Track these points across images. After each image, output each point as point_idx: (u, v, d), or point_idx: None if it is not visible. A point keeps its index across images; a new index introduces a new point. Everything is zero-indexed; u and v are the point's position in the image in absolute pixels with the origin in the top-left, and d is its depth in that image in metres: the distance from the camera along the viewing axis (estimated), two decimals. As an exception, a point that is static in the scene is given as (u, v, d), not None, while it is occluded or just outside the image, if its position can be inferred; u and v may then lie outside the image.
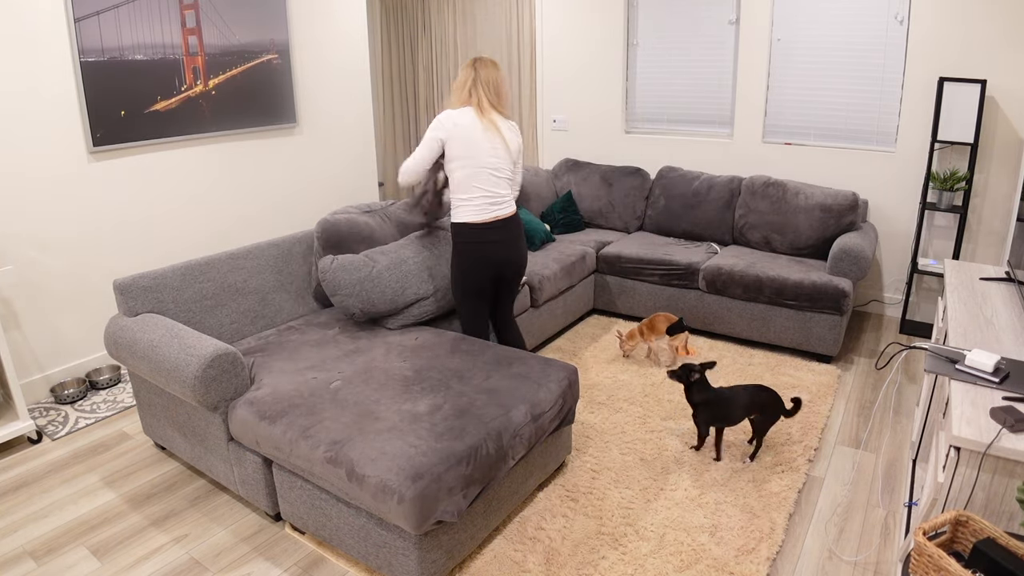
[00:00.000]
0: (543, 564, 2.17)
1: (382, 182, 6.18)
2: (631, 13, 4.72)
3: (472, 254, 2.73)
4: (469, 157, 2.61)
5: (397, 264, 2.88)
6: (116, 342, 2.57)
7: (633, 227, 4.58)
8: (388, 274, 2.83)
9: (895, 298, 4.21)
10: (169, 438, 2.69)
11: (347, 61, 4.69)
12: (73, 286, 3.40)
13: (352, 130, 4.85)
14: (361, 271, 2.80)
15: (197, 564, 2.22)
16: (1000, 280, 2.67)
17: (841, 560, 2.19)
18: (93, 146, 3.34)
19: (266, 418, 2.19)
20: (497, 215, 2.69)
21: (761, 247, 4.07)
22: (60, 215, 3.30)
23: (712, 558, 2.18)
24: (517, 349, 2.68)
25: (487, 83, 2.64)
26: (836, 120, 4.15)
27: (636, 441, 2.85)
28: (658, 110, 4.80)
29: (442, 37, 5.74)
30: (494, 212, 2.68)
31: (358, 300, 2.79)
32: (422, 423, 2.11)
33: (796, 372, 3.45)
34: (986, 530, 1.46)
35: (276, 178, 4.36)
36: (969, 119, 3.57)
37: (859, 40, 3.95)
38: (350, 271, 2.79)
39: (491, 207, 2.68)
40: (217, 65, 3.84)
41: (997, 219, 3.78)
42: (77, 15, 3.18)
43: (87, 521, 2.44)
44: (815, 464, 2.72)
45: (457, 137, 2.59)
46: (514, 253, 2.78)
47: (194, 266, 2.78)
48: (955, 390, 1.77)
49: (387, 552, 2.02)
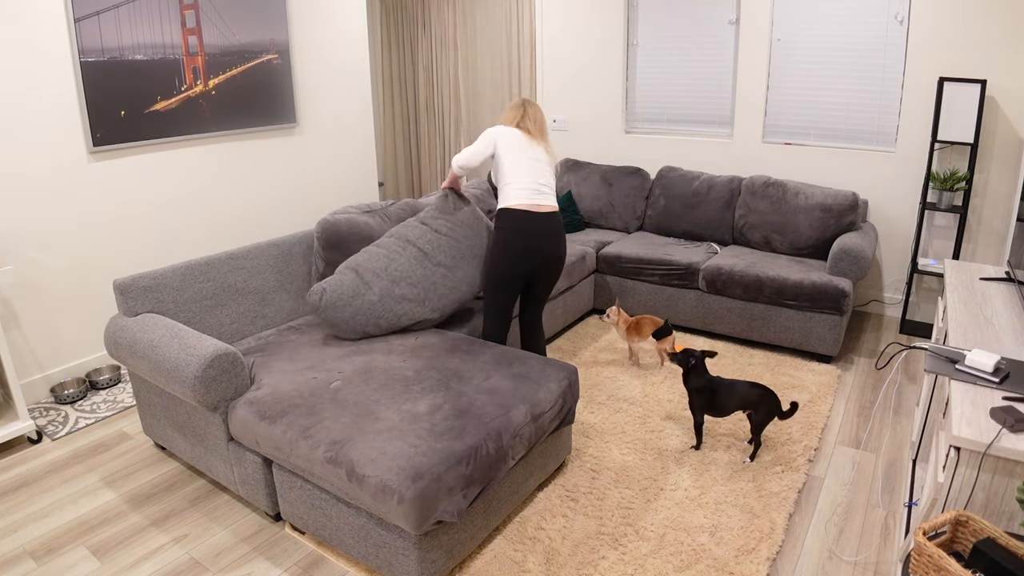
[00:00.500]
0: (543, 564, 2.17)
1: (382, 182, 6.18)
2: (631, 13, 4.72)
3: (514, 242, 2.78)
4: (519, 150, 2.82)
5: (391, 287, 2.78)
6: (116, 342, 2.57)
7: (633, 227, 4.58)
8: (382, 305, 2.75)
9: (895, 298, 4.21)
10: (169, 438, 2.69)
11: (347, 61, 4.69)
12: (73, 286, 3.40)
13: (352, 130, 4.85)
14: (353, 304, 2.71)
15: (197, 564, 2.22)
16: (1000, 280, 2.67)
17: (841, 560, 2.19)
18: (93, 146, 3.34)
19: (266, 418, 2.19)
20: (542, 203, 2.79)
21: (761, 247, 4.07)
22: (60, 215, 3.30)
23: (712, 558, 2.18)
24: (515, 349, 2.68)
25: (534, 119, 2.91)
26: (836, 120, 4.15)
27: (636, 441, 2.85)
28: (658, 110, 4.80)
29: (442, 37, 5.74)
30: (539, 200, 2.79)
31: (355, 332, 2.75)
32: (422, 423, 2.11)
33: (796, 372, 3.45)
34: (986, 530, 1.46)
35: (276, 178, 4.36)
36: (969, 119, 3.57)
37: (859, 40, 3.95)
38: (339, 308, 2.70)
39: (537, 194, 2.79)
40: (217, 65, 3.84)
41: (997, 219, 3.78)
42: (77, 15, 3.18)
43: (87, 521, 2.44)
44: (815, 464, 2.72)
45: (508, 137, 2.84)
46: (555, 247, 2.86)
47: (194, 266, 2.78)
48: (955, 390, 1.77)
49: (387, 552, 2.02)
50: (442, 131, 6.01)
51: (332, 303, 2.71)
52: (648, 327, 3.46)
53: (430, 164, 6.20)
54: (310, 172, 4.59)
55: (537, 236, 2.78)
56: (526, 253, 2.80)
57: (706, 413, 2.75)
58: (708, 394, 2.70)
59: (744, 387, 2.67)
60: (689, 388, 2.75)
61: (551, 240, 2.82)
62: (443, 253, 2.93)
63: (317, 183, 4.66)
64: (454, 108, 5.85)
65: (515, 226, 2.77)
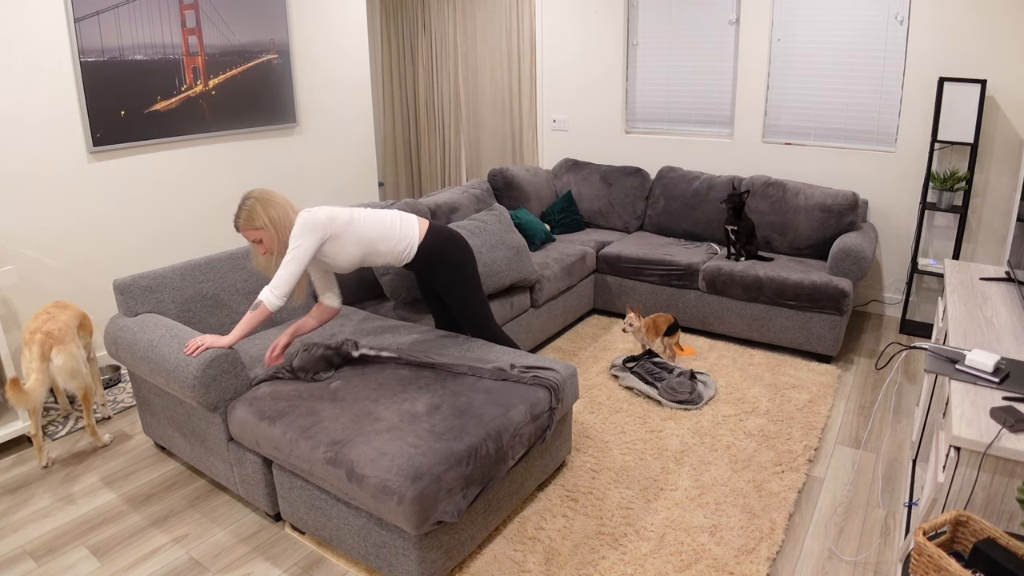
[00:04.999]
0: (543, 564, 2.17)
1: (382, 182, 6.18)
2: (631, 13, 4.72)
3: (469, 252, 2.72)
4: (358, 211, 2.57)
5: None
6: (116, 342, 2.57)
7: (633, 227, 4.58)
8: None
9: (895, 298, 4.21)
10: (169, 438, 2.69)
11: (347, 61, 4.69)
12: (73, 286, 3.40)
13: (352, 130, 4.85)
14: None
15: (197, 564, 2.22)
16: (1000, 280, 2.67)
17: (841, 560, 2.19)
18: (93, 146, 3.34)
19: (266, 418, 2.19)
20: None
21: (761, 247, 4.07)
22: (60, 215, 3.30)
23: (712, 558, 2.18)
24: (512, 348, 2.68)
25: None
26: (836, 120, 4.15)
27: (636, 441, 2.85)
28: (658, 110, 4.80)
29: (442, 37, 5.74)
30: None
31: (407, 280, 2.85)
32: (421, 423, 2.11)
33: (796, 372, 3.45)
34: (986, 530, 1.46)
35: (276, 178, 4.36)
36: (969, 119, 3.57)
37: (859, 40, 3.95)
38: None
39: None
40: (217, 65, 3.84)
41: (997, 219, 3.78)
42: (77, 15, 3.18)
43: (87, 521, 2.44)
44: (815, 464, 2.72)
45: (337, 212, 2.54)
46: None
47: (194, 266, 2.78)
48: (955, 390, 1.77)
49: (387, 552, 2.02)
50: (442, 131, 6.01)
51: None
52: (663, 323, 3.55)
53: (430, 164, 6.21)
54: (310, 172, 4.59)
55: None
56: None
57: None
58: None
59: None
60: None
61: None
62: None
63: (317, 183, 4.66)
64: (454, 108, 5.85)
65: (457, 243, 2.68)
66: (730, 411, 3.07)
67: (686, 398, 3.11)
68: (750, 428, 2.93)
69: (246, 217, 2.38)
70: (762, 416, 3.03)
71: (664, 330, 3.54)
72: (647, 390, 3.20)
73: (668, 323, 3.54)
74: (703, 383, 3.25)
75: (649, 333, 3.52)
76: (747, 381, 3.36)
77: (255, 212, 2.36)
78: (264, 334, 2.85)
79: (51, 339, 2.63)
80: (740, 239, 3.84)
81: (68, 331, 2.71)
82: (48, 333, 2.64)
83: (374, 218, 2.53)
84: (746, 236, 3.86)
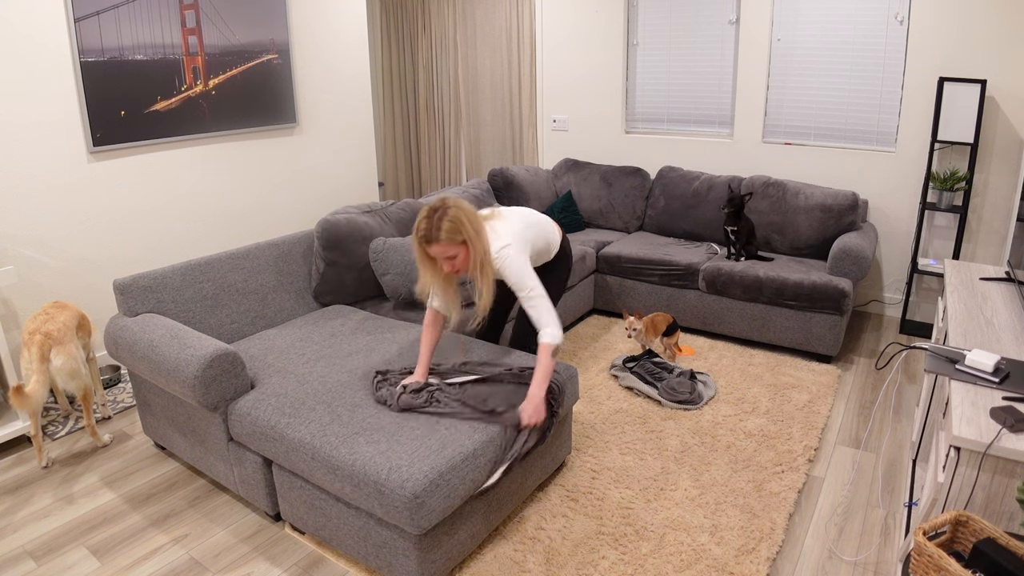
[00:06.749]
0: (543, 564, 2.17)
1: (382, 182, 6.18)
2: (631, 13, 4.71)
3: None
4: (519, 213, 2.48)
5: None
6: (116, 342, 2.57)
7: (633, 227, 4.58)
8: None
9: (895, 298, 4.21)
10: (169, 438, 2.69)
11: (347, 61, 4.69)
12: (73, 286, 3.40)
13: (352, 130, 4.85)
14: (412, 253, 2.77)
15: (197, 564, 2.22)
16: (1000, 280, 2.67)
17: (841, 560, 2.19)
18: (93, 146, 3.34)
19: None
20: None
21: (761, 247, 4.07)
22: (60, 215, 3.30)
23: (712, 558, 2.18)
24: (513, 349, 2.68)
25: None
26: (836, 120, 4.15)
27: (636, 441, 2.85)
28: (658, 110, 4.80)
29: (442, 37, 5.73)
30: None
31: (407, 280, 2.87)
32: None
33: (796, 372, 3.45)
34: (986, 530, 1.46)
35: (276, 178, 4.36)
36: (969, 119, 3.57)
37: (859, 40, 3.95)
38: (401, 252, 2.86)
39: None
40: (217, 65, 3.84)
41: (997, 219, 3.78)
42: (77, 15, 3.18)
43: (87, 521, 2.44)
44: (815, 464, 2.72)
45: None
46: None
47: (194, 266, 2.78)
48: (955, 390, 1.77)
49: (387, 552, 2.02)
50: (442, 131, 6.01)
51: (394, 247, 2.89)
52: (661, 323, 3.55)
53: (430, 164, 6.20)
54: (310, 172, 4.59)
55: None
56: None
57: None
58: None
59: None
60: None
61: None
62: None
63: (317, 183, 4.66)
64: (454, 108, 5.85)
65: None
66: (730, 411, 3.08)
67: (686, 398, 3.11)
68: (750, 428, 2.93)
69: (449, 229, 1.98)
70: (762, 416, 3.03)
71: (663, 330, 3.54)
72: (647, 390, 3.20)
73: (667, 323, 3.55)
74: (703, 383, 3.25)
75: (648, 333, 3.53)
76: (747, 381, 3.36)
77: (460, 224, 1.98)
78: (264, 334, 2.85)
79: (50, 340, 2.63)
80: (740, 240, 3.84)
81: (67, 332, 2.71)
82: (47, 334, 2.64)
83: (534, 221, 2.44)
84: (746, 236, 3.86)
